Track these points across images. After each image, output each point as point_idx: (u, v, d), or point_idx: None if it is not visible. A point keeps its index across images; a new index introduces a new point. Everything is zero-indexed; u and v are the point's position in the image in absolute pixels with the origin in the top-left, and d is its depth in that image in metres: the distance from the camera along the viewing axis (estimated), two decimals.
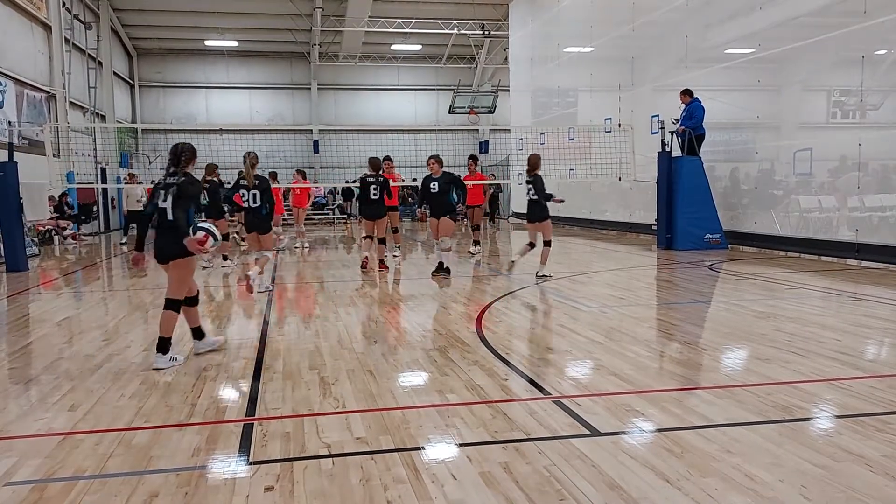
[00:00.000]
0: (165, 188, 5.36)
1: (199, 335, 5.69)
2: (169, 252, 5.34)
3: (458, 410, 4.15)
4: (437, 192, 10.09)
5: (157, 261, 5.44)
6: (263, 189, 8.71)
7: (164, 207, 5.32)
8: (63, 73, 20.81)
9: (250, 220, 8.90)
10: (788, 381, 4.62)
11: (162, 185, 5.39)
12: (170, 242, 5.32)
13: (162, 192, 5.34)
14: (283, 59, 30.74)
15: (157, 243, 5.39)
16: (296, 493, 3.09)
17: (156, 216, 5.40)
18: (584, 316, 7.24)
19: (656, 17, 15.83)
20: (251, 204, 8.70)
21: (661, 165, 13.62)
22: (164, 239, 5.35)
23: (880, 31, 10.32)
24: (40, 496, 3.12)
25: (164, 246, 5.35)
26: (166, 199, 5.33)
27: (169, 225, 5.33)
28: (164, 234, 5.35)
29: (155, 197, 5.37)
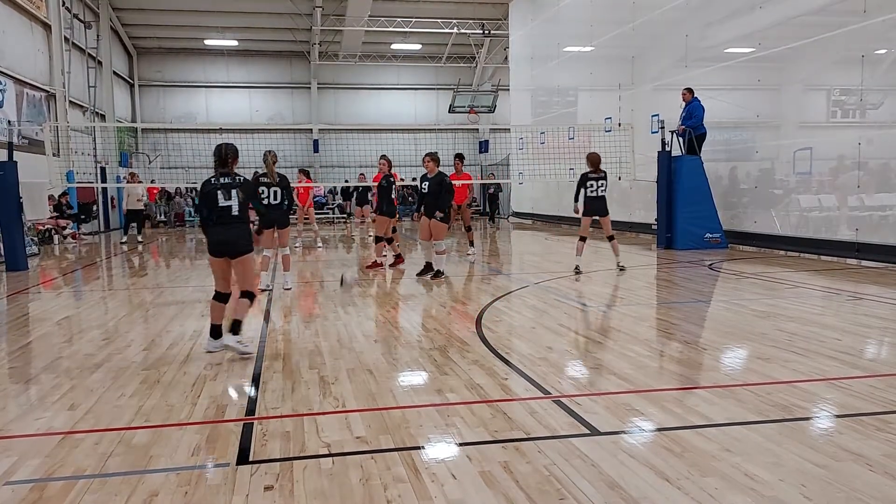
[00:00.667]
0: (225, 188, 5.49)
1: (217, 334, 5.63)
2: (242, 248, 5.54)
3: (458, 410, 4.15)
4: (427, 192, 9.89)
5: (224, 257, 5.52)
6: (284, 186, 8.80)
7: (228, 206, 5.48)
8: (63, 72, 20.81)
9: (271, 217, 8.87)
10: (788, 380, 4.62)
11: (218, 185, 5.50)
12: (241, 238, 5.54)
13: (221, 192, 5.47)
14: (283, 58, 30.74)
15: (225, 240, 5.50)
16: (295, 492, 3.09)
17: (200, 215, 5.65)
18: (584, 315, 7.24)
19: (656, 17, 15.83)
20: (272, 200, 8.74)
21: (661, 165, 13.62)
22: (234, 235, 5.51)
23: (880, 31, 10.32)
24: (40, 495, 3.11)
25: (236, 241, 5.52)
26: (229, 197, 5.48)
27: (236, 221, 5.51)
28: (232, 230, 5.51)
29: (209, 200, 5.49)
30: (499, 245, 17.18)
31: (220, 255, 5.55)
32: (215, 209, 5.49)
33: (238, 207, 5.51)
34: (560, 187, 21.86)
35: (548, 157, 19.88)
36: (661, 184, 13.58)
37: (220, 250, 5.54)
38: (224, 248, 5.53)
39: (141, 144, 29.72)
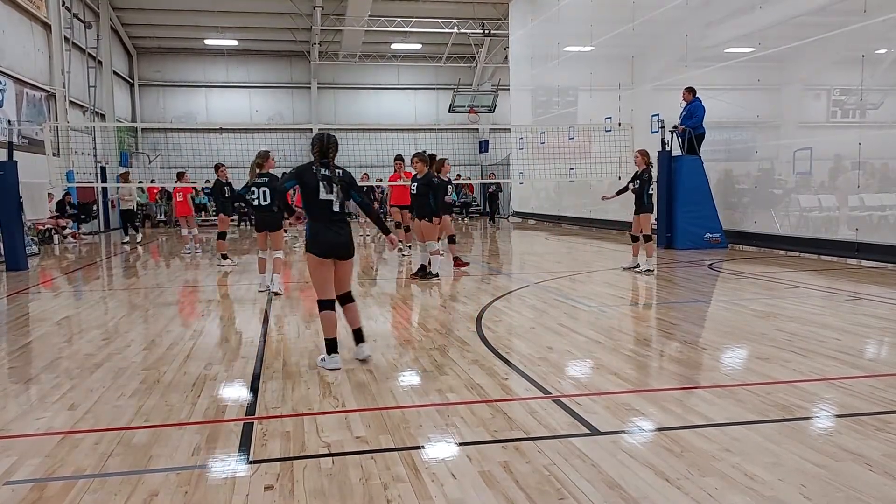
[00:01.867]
0: (326, 180, 5.07)
1: (334, 348, 5.19)
2: (353, 249, 5.18)
3: (458, 409, 4.15)
4: (416, 193, 9.76)
5: (331, 258, 5.11)
6: (273, 187, 8.53)
7: (329, 200, 5.06)
8: (63, 72, 20.81)
9: (259, 219, 8.86)
10: (788, 380, 4.62)
11: (320, 175, 5.07)
12: (350, 236, 5.15)
13: (323, 184, 5.05)
14: (283, 58, 30.73)
15: (333, 239, 5.09)
16: (296, 492, 3.09)
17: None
18: (584, 315, 7.24)
19: (656, 16, 15.83)
20: (261, 202, 8.60)
21: (661, 165, 13.62)
22: (344, 232, 5.13)
23: (880, 30, 10.32)
24: (40, 495, 3.11)
25: (347, 240, 5.14)
26: (331, 191, 5.07)
27: (341, 218, 5.15)
28: (341, 227, 5.13)
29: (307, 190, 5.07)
30: (499, 245, 17.18)
31: (329, 256, 5.10)
32: (315, 202, 5.07)
33: (339, 204, 5.11)
34: (560, 187, 21.89)
35: (547, 157, 19.90)
36: (661, 184, 13.57)
37: (332, 252, 5.08)
38: (339, 250, 5.10)
39: (141, 144, 29.73)
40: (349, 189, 5.19)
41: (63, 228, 18.39)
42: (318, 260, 5.10)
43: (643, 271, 10.01)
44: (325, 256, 5.10)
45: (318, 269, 5.12)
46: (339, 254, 5.13)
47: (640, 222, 10.16)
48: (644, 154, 10.16)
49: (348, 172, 5.24)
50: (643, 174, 10.05)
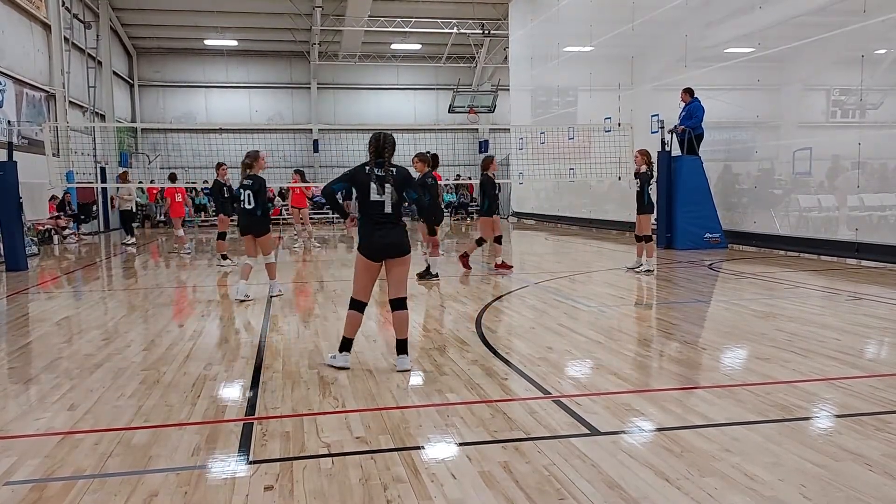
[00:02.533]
0: (380, 180, 4.93)
1: (348, 347, 5.14)
2: (406, 247, 5.02)
3: (458, 410, 4.15)
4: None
5: (382, 259, 4.99)
6: (257, 189, 8.18)
7: (380, 201, 4.93)
8: (62, 72, 20.80)
9: (243, 223, 8.40)
10: (788, 380, 4.62)
11: (373, 176, 4.94)
12: (403, 236, 5.02)
13: (376, 185, 4.91)
14: (283, 58, 30.73)
15: (392, 242, 4.96)
16: (295, 492, 3.09)
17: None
18: (584, 315, 7.24)
19: (656, 16, 15.83)
20: (245, 205, 8.22)
21: (660, 165, 13.62)
22: (394, 233, 4.98)
23: (880, 31, 10.32)
24: (40, 496, 3.11)
25: (398, 240, 4.98)
26: (383, 192, 4.93)
27: (393, 219, 5.00)
28: (392, 228, 4.98)
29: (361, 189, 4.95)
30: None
31: (380, 258, 4.98)
32: (365, 202, 4.96)
33: (391, 205, 4.97)
34: (560, 187, 21.89)
35: (547, 157, 19.90)
36: (661, 184, 13.58)
37: (382, 253, 4.96)
38: (389, 250, 4.96)
39: (140, 144, 29.72)
40: (404, 188, 5.04)
41: (63, 229, 18.38)
42: (366, 262, 5.00)
43: (643, 271, 10.01)
44: (373, 259, 4.99)
45: (363, 271, 5.03)
46: (389, 253, 4.99)
47: (640, 223, 10.16)
48: (643, 153, 10.15)
49: (405, 170, 5.08)
50: (644, 174, 10.09)
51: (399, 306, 5.06)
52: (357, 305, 5.08)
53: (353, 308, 5.09)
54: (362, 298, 5.08)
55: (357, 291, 5.08)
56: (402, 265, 5.06)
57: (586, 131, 18.11)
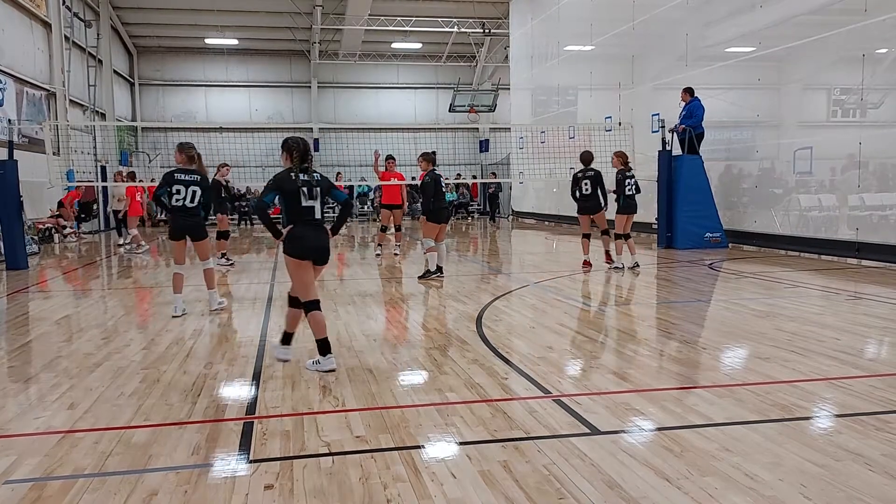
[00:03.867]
0: (307, 185, 5.09)
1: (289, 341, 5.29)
2: (329, 252, 5.19)
3: (458, 409, 4.15)
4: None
5: (310, 259, 5.07)
6: (205, 187, 7.31)
7: (311, 206, 5.08)
8: (63, 71, 20.80)
9: (178, 224, 7.31)
10: (788, 380, 4.62)
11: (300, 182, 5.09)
12: (328, 241, 5.20)
13: (304, 191, 5.06)
14: (283, 57, 30.73)
15: (322, 246, 5.10)
16: (295, 491, 3.09)
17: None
18: (584, 314, 7.24)
19: (657, 15, 15.83)
20: (186, 202, 7.21)
21: (661, 164, 13.62)
22: (325, 237, 5.15)
23: (881, 30, 10.31)
24: (39, 495, 3.11)
25: (326, 244, 5.16)
26: (312, 196, 5.08)
27: (321, 223, 5.17)
28: (322, 232, 5.15)
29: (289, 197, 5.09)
30: (499, 245, 17.18)
31: (308, 258, 5.07)
32: (297, 209, 5.04)
33: (320, 210, 5.11)
34: (560, 187, 21.89)
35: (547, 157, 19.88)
36: (662, 183, 13.58)
37: (309, 255, 5.06)
38: (315, 253, 5.07)
39: (141, 143, 29.71)
40: (329, 191, 5.20)
41: (63, 228, 18.38)
42: (297, 262, 5.05)
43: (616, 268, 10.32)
44: (303, 258, 5.05)
45: (299, 271, 5.07)
46: (318, 257, 5.11)
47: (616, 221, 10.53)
48: (619, 155, 10.54)
49: (325, 177, 5.23)
50: (617, 175, 10.39)
51: (313, 307, 5.10)
52: (312, 305, 5.09)
53: (310, 310, 5.08)
54: (314, 297, 5.12)
55: (305, 293, 5.10)
56: (320, 271, 5.25)
57: (587, 131, 18.10)
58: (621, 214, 10.43)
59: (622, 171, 10.41)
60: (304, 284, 5.08)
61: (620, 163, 10.43)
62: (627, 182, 10.35)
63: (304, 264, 5.06)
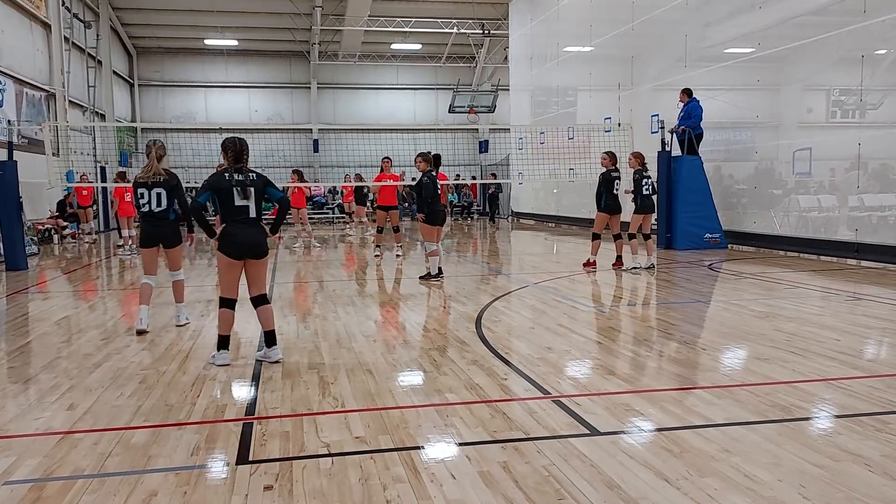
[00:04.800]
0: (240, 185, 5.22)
1: (226, 345, 5.39)
2: (265, 248, 5.28)
3: (457, 410, 4.15)
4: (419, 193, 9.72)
5: (244, 258, 5.23)
6: (171, 188, 6.60)
7: (244, 206, 5.22)
8: (62, 71, 20.80)
9: (149, 230, 6.67)
10: (787, 380, 4.62)
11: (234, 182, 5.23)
12: (265, 239, 5.32)
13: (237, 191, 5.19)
14: (283, 58, 30.74)
15: (253, 242, 5.22)
16: (295, 492, 3.09)
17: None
18: (583, 315, 7.24)
19: (656, 16, 15.83)
20: (153, 207, 6.56)
21: (660, 165, 13.62)
22: (259, 235, 5.28)
23: (880, 31, 10.32)
24: (39, 495, 3.11)
25: (262, 242, 5.28)
26: (246, 196, 5.21)
27: (255, 223, 5.30)
28: (256, 230, 5.28)
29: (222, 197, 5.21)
30: (499, 245, 17.18)
31: (241, 257, 5.20)
32: (230, 209, 5.18)
33: (255, 209, 5.23)
34: (559, 187, 21.89)
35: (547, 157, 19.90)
36: (661, 184, 13.58)
37: (243, 252, 5.18)
38: (250, 250, 5.19)
39: (140, 144, 29.70)
40: (265, 189, 5.31)
41: (63, 229, 18.38)
42: (229, 261, 5.20)
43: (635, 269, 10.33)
44: (237, 258, 5.20)
45: (226, 270, 5.24)
46: (252, 253, 5.23)
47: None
48: (637, 155, 10.55)
49: (263, 176, 5.35)
50: (634, 175, 10.38)
51: (261, 302, 5.34)
52: (227, 303, 5.27)
53: (223, 306, 5.27)
54: (231, 296, 5.29)
55: (225, 290, 5.29)
56: (261, 265, 5.30)
57: (586, 131, 18.11)
58: (639, 214, 10.43)
59: (639, 170, 10.38)
60: (228, 283, 5.26)
61: (638, 163, 10.42)
62: (645, 182, 10.35)
63: (236, 264, 5.22)
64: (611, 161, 10.40)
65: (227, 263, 5.21)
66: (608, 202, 10.34)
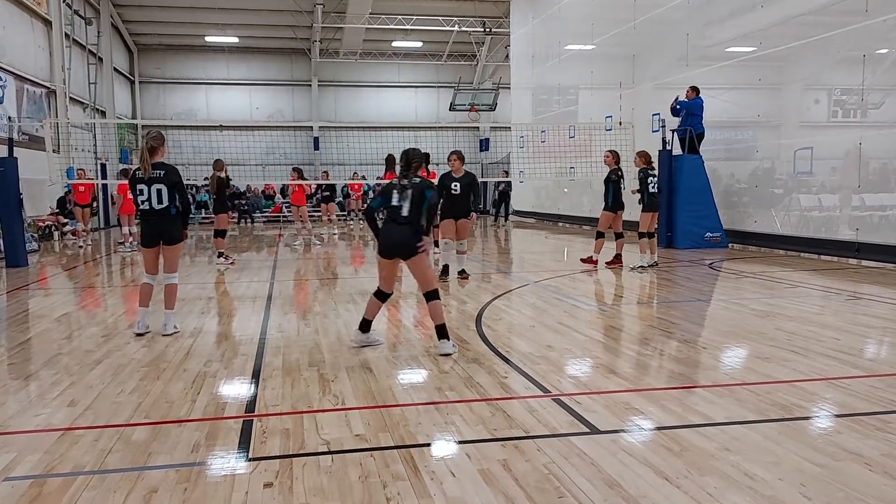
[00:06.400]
0: (401, 188, 5.52)
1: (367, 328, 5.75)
2: (413, 249, 5.43)
3: (458, 408, 4.15)
4: (459, 193, 9.15)
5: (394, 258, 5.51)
6: (173, 183, 6.26)
7: (399, 205, 5.45)
8: (63, 68, 20.80)
9: (149, 228, 6.37)
10: (788, 379, 4.62)
11: (398, 185, 5.55)
12: (412, 239, 5.44)
13: (397, 192, 5.51)
14: (284, 55, 30.72)
15: (396, 241, 5.45)
16: (295, 489, 3.09)
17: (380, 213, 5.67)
18: (584, 314, 7.24)
19: (657, 15, 15.82)
20: (153, 204, 6.22)
21: (661, 164, 13.60)
22: (406, 236, 5.44)
23: (881, 30, 10.31)
24: (39, 491, 3.11)
25: (407, 243, 5.44)
26: (403, 199, 5.46)
27: (406, 223, 5.45)
28: (403, 231, 5.45)
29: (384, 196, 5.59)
30: (500, 244, 17.17)
31: (390, 256, 5.53)
32: (388, 208, 5.52)
33: (409, 210, 5.44)
34: (560, 186, 21.88)
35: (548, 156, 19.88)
36: (662, 183, 13.56)
37: (391, 251, 5.52)
38: (395, 249, 5.50)
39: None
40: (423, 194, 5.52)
41: (63, 226, 18.39)
42: (381, 259, 5.61)
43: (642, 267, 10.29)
44: (387, 257, 5.56)
45: (380, 266, 5.66)
46: (399, 252, 5.52)
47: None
48: (642, 154, 10.49)
49: (425, 180, 5.68)
50: (639, 174, 10.35)
51: (429, 297, 5.53)
52: (380, 295, 5.69)
53: (375, 295, 5.70)
54: (385, 290, 5.69)
55: (382, 284, 5.70)
56: (413, 265, 5.52)
57: (587, 130, 18.10)
58: (647, 213, 10.42)
59: (644, 169, 10.37)
60: (381, 277, 5.67)
61: (643, 161, 10.40)
62: (650, 180, 10.35)
63: (385, 262, 5.61)
64: (614, 160, 10.40)
65: (380, 261, 5.63)
66: (614, 201, 10.33)
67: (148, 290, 6.46)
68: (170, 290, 6.42)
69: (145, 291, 6.45)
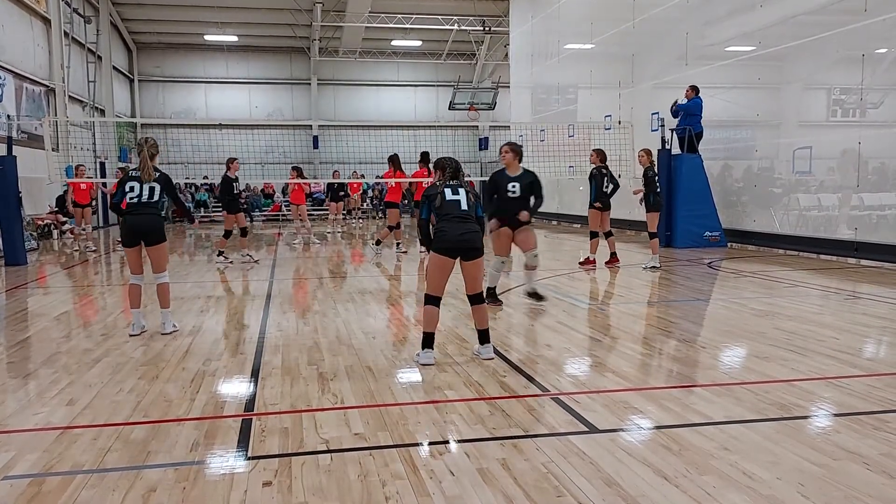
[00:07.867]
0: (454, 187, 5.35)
1: (431, 343, 5.22)
2: (481, 250, 5.26)
3: (456, 407, 4.15)
4: (518, 196, 7.21)
5: (456, 258, 5.18)
6: (165, 182, 6.39)
7: (457, 199, 5.27)
8: (62, 66, 20.77)
9: (132, 224, 6.28)
10: (787, 379, 4.62)
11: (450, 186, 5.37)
12: (479, 238, 5.27)
13: (451, 189, 5.34)
14: (283, 54, 30.69)
15: (465, 241, 5.16)
16: (294, 488, 3.09)
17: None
18: (583, 313, 7.24)
19: (657, 14, 15.82)
20: (143, 198, 6.24)
21: (660, 163, 13.60)
22: (475, 235, 5.23)
23: (881, 30, 10.31)
24: (38, 490, 3.12)
25: (475, 241, 5.22)
26: (458, 193, 5.32)
27: (471, 220, 5.28)
28: (471, 226, 5.25)
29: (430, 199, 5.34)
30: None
31: (456, 254, 5.18)
32: (443, 207, 5.25)
33: (466, 203, 5.29)
34: (560, 185, 21.88)
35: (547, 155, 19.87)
36: (662, 182, 13.56)
37: (459, 246, 5.17)
38: (465, 245, 5.17)
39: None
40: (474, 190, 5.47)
41: (62, 224, 18.37)
42: (442, 260, 5.18)
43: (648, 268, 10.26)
44: (451, 256, 5.17)
45: (438, 267, 5.20)
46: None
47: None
48: (647, 153, 10.34)
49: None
50: (647, 172, 10.23)
51: (478, 301, 5.32)
52: (432, 300, 5.24)
53: (428, 303, 5.25)
54: (437, 293, 5.25)
55: (431, 287, 5.28)
56: (474, 266, 5.27)
57: (586, 129, 18.09)
58: (653, 212, 10.24)
59: (650, 168, 10.18)
60: (436, 280, 5.23)
61: (648, 160, 10.16)
62: (657, 179, 10.26)
63: (447, 261, 5.21)
64: (599, 158, 10.36)
65: (439, 263, 5.19)
66: (598, 199, 10.31)
67: (136, 290, 6.41)
68: (162, 289, 6.42)
69: (134, 293, 6.40)
